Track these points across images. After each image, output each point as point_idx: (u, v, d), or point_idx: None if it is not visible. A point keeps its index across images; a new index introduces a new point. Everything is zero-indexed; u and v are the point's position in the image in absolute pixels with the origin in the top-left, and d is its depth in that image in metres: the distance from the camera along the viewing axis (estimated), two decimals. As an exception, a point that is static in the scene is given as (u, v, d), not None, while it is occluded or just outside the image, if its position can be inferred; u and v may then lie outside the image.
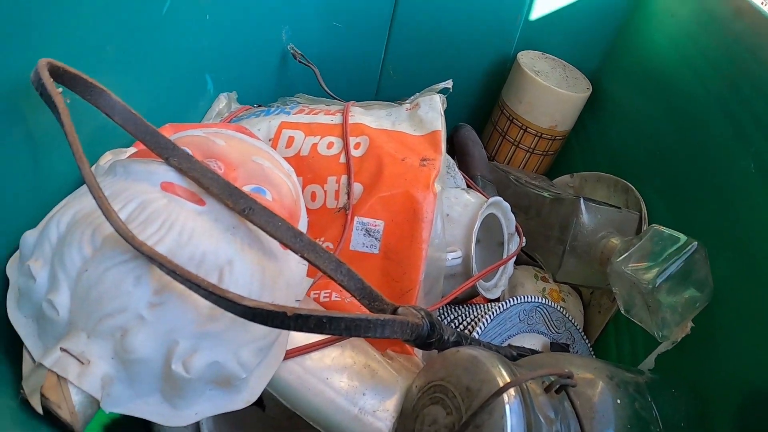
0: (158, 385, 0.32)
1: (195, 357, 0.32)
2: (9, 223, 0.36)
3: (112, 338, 0.31)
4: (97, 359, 0.31)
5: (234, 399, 0.35)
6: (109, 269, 0.31)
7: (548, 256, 0.67)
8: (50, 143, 0.39)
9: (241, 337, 0.33)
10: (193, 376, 0.32)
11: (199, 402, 0.33)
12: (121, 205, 0.33)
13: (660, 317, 0.52)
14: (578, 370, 0.42)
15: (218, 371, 0.33)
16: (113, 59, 0.45)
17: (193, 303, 0.32)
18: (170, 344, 0.32)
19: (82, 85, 0.37)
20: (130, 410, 0.32)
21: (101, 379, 0.31)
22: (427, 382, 0.38)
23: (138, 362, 0.31)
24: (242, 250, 0.35)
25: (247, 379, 0.35)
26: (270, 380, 0.37)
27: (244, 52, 0.68)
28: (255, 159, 0.41)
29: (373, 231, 0.49)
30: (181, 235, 0.33)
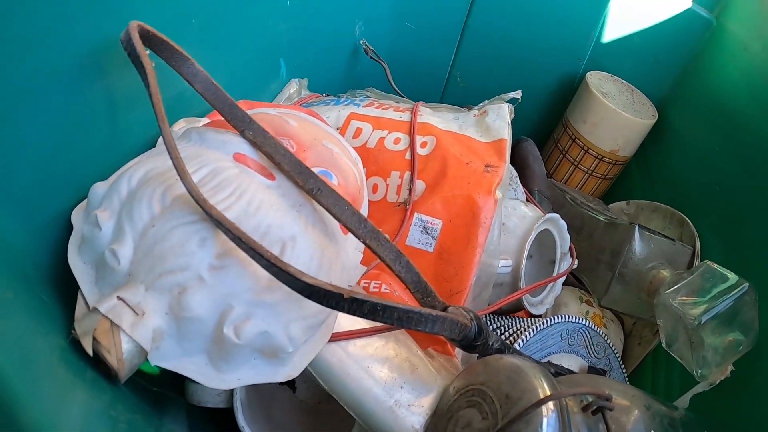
0: (206, 347, 0.33)
1: (247, 324, 0.32)
2: (80, 174, 0.37)
3: (170, 294, 0.32)
4: (152, 312, 0.31)
5: (277, 371, 0.35)
6: (176, 228, 0.32)
7: (596, 280, 0.66)
8: (129, 103, 0.40)
9: (294, 312, 0.34)
10: (242, 342, 0.32)
11: (242, 369, 0.34)
12: (194, 168, 0.34)
13: (701, 356, 0.51)
14: (616, 395, 0.41)
15: (267, 341, 0.33)
16: (197, 31, 0.46)
17: (253, 272, 0.32)
18: (225, 308, 0.32)
19: (169, 50, 0.38)
20: (176, 366, 0.33)
21: (153, 331, 0.31)
22: (466, 385, 0.38)
23: (191, 321, 0.32)
24: (305, 229, 0.36)
25: (293, 354, 0.35)
26: (313, 359, 0.38)
27: (318, 41, 0.69)
28: (325, 143, 0.42)
29: (430, 229, 0.49)
30: (249, 204, 0.34)
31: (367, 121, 0.57)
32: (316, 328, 0.36)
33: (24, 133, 0.32)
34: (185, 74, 0.38)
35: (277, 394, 0.54)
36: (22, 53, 0.31)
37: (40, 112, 0.33)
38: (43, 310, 0.31)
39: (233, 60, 0.53)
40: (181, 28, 0.44)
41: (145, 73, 0.35)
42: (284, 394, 0.54)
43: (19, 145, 0.32)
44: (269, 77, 0.62)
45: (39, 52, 0.32)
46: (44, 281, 0.33)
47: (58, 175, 0.35)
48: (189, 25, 0.45)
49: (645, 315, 0.63)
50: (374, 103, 0.60)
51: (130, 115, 0.41)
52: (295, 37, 0.63)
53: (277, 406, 0.53)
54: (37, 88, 0.32)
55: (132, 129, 0.41)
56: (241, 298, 0.32)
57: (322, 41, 0.70)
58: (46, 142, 0.34)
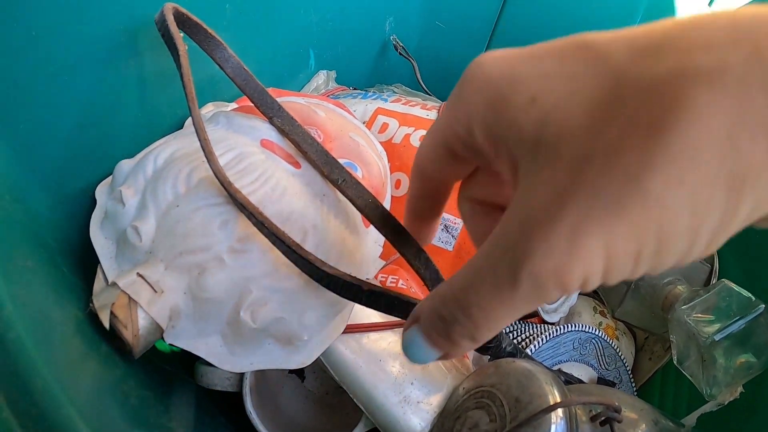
0: (221, 329, 0.33)
1: (264, 309, 0.32)
2: (106, 150, 0.37)
3: (189, 274, 0.32)
4: (170, 291, 0.32)
5: (290, 358, 0.35)
6: (200, 209, 0.32)
7: (610, 291, 0.65)
8: (158, 83, 0.41)
9: (311, 301, 0.34)
10: (258, 326, 0.32)
11: (256, 353, 0.34)
12: (221, 152, 0.35)
13: (712, 375, 0.50)
14: (625, 407, 0.41)
15: (282, 327, 0.33)
16: (230, 18, 0.47)
17: (273, 257, 0.33)
18: (243, 291, 0.32)
19: (202, 34, 0.38)
20: (190, 346, 0.33)
21: (170, 309, 0.31)
22: (475, 386, 0.38)
23: (209, 302, 0.32)
24: (327, 218, 0.36)
25: (307, 341, 0.35)
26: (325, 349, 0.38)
27: (348, 34, 0.69)
28: (351, 135, 0.42)
29: (451, 228, 0.49)
30: (273, 190, 0.34)
31: (393, 117, 0.57)
32: (332, 317, 0.36)
33: (56, 107, 0.33)
34: (217, 59, 0.39)
35: (285, 382, 0.54)
36: (59, 29, 0.31)
37: (72, 87, 0.33)
38: (62, 281, 0.31)
39: (264, 47, 0.53)
40: (214, 12, 0.45)
41: (177, 54, 0.36)
42: (292, 383, 0.54)
43: (51, 117, 0.33)
44: (298, 67, 0.62)
45: (75, 28, 0.32)
46: (65, 253, 0.33)
47: (87, 149, 0.36)
48: (223, 11, 0.46)
49: (658, 330, 0.62)
50: (401, 99, 0.60)
51: (161, 95, 0.41)
52: (325, 28, 0.63)
53: (284, 394, 0.53)
54: (70, 63, 0.33)
55: (161, 109, 0.42)
56: (259, 282, 0.32)
57: (352, 34, 0.70)
58: (76, 116, 0.34)
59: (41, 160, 0.33)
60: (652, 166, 0.14)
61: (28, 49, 0.30)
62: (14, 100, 0.30)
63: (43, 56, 0.31)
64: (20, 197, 0.31)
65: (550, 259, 0.15)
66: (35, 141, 0.32)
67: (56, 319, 0.28)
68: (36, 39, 0.30)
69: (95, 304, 0.31)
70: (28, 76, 0.31)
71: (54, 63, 0.32)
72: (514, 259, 0.16)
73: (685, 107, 0.13)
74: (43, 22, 0.30)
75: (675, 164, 0.14)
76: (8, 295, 0.25)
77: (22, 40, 0.29)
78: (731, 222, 0.15)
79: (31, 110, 0.31)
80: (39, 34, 0.30)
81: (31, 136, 0.32)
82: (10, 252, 0.27)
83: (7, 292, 0.25)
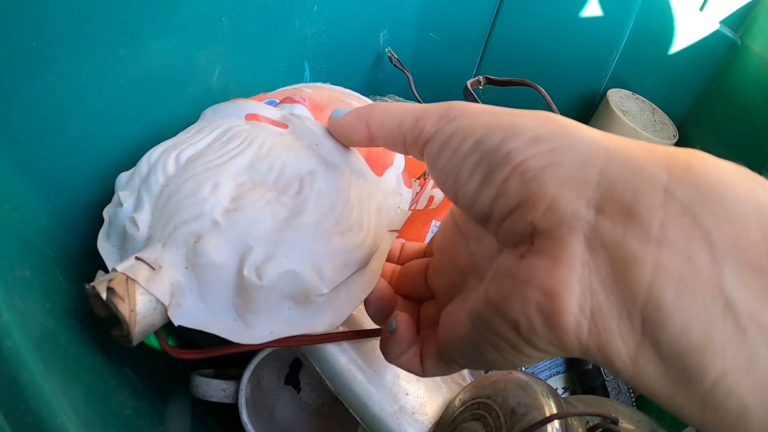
0: (231, 300, 0.31)
1: (269, 264, 0.30)
2: (106, 160, 0.37)
3: (186, 246, 0.30)
4: (169, 266, 0.29)
5: (314, 320, 0.31)
6: (188, 180, 0.31)
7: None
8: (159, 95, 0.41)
9: (322, 249, 0.31)
10: (266, 283, 0.29)
11: (274, 321, 0.31)
12: (206, 134, 0.34)
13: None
14: (622, 418, 0.41)
15: (294, 282, 0.30)
16: (226, 31, 0.47)
17: (271, 210, 0.31)
18: (243, 250, 0.30)
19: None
20: (200, 324, 0.30)
21: (171, 284, 0.29)
22: (472, 397, 0.38)
23: (209, 268, 0.30)
24: (326, 164, 0.34)
25: (331, 298, 0.32)
26: (319, 358, 0.38)
27: (342, 47, 0.69)
28: (344, 99, 0.41)
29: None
30: (260, 148, 0.33)
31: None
32: (353, 266, 0.33)
33: (55, 117, 0.33)
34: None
35: (281, 393, 0.54)
36: (59, 38, 0.31)
37: (72, 97, 0.34)
38: (59, 290, 0.31)
39: (259, 60, 0.54)
40: (211, 25, 0.45)
41: None
42: (288, 394, 0.54)
43: (51, 127, 0.33)
44: (293, 79, 0.62)
45: (75, 38, 0.32)
46: (63, 262, 0.33)
47: (86, 159, 0.36)
48: (219, 23, 0.46)
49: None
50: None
51: (161, 107, 0.41)
52: (320, 41, 0.64)
53: (280, 405, 0.53)
54: (70, 73, 0.33)
55: (161, 120, 0.42)
56: (260, 237, 0.30)
57: (346, 47, 0.70)
58: (76, 126, 0.35)
59: (40, 169, 0.33)
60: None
61: (28, 59, 0.30)
62: (13, 109, 0.30)
63: (42, 66, 0.31)
64: (18, 206, 0.31)
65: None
66: (34, 150, 0.32)
67: (52, 328, 0.28)
68: (36, 48, 0.30)
69: (94, 283, 0.29)
70: (28, 86, 0.31)
71: (54, 72, 0.32)
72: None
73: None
74: (43, 32, 0.30)
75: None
76: (5, 304, 0.25)
77: (22, 49, 0.30)
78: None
79: (30, 119, 0.31)
80: (39, 43, 0.30)
81: (31, 145, 0.32)
82: (7, 261, 0.27)
83: (3, 301, 0.25)
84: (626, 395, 0.61)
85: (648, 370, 0.19)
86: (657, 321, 0.18)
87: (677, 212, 0.18)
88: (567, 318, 0.20)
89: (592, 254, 0.19)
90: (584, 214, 0.20)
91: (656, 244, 0.18)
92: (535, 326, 0.21)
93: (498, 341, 0.23)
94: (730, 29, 0.76)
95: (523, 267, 0.21)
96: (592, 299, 0.19)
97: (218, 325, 0.30)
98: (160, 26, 0.39)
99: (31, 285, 0.28)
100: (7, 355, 0.24)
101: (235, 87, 0.51)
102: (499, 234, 0.24)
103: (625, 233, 0.19)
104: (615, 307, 0.19)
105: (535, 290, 0.20)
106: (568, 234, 0.20)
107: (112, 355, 0.34)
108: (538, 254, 0.21)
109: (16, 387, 0.24)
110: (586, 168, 0.20)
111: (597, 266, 0.19)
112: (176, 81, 0.42)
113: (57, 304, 0.30)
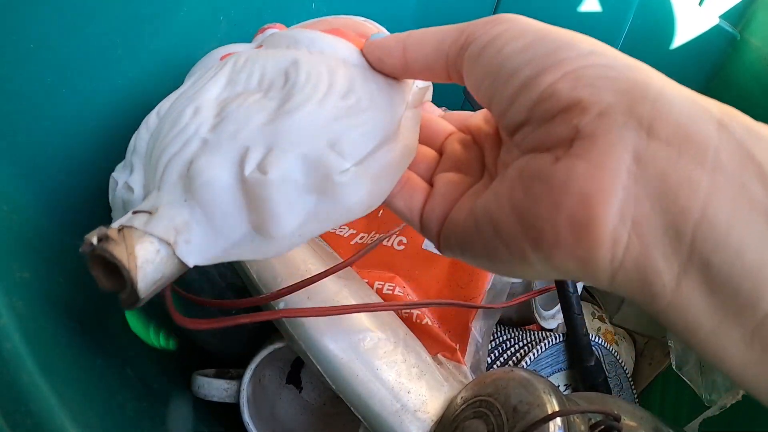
0: (244, 218, 0.26)
1: (271, 155, 0.25)
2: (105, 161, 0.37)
3: (180, 178, 0.26)
4: (168, 205, 0.25)
5: (348, 205, 0.26)
6: (165, 119, 0.28)
7: (608, 296, 0.65)
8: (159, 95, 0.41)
9: (331, 125, 0.26)
10: (274, 176, 0.25)
11: (299, 220, 0.26)
12: (183, 85, 0.31)
13: (711, 380, 0.50)
14: (624, 415, 0.41)
15: (308, 165, 0.25)
16: (225, 30, 0.47)
17: (260, 106, 0.26)
18: (240, 153, 0.26)
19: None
20: (217, 256, 0.26)
21: (172, 221, 0.25)
22: (473, 395, 0.38)
23: (208, 187, 0.25)
24: (308, 54, 0.29)
25: (359, 173, 0.26)
26: (320, 357, 0.38)
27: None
28: (369, 25, 0.38)
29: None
30: (235, 64, 0.29)
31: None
32: (374, 136, 0.27)
33: (54, 118, 0.33)
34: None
35: (282, 393, 0.54)
36: (57, 40, 0.31)
37: (71, 98, 0.33)
38: (58, 292, 0.31)
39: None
40: (209, 25, 0.45)
41: None
42: (289, 394, 0.54)
43: (49, 129, 0.33)
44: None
45: (73, 41, 0.32)
46: (62, 264, 0.33)
47: (86, 160, 0.36)
48: (217, 22, 0.46)
49: (657, 335, 0.62)
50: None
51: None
52: (321, 39, 0.64)
53: (281, 405, 0.53)
54: (69, 75, 0.33)
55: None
56: (254, 136, 0.26)
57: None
58: (75, 127, 0.34)
59: (39, 170, 0.33)
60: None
61: (27, 61, 0.30)
62: (12, 110, 0.30)
63: (41, 67, 0.31)
64: (18, 208, 0.31)
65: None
66: (33, 152, 0.32)
67: (52, 330, 0.28)
68: (35, 49, 0.30)
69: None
70: (27, 88, 0.31)
71: (53, 73, 0.32)
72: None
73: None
74: (42, 33, 0.30)
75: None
76: (5, 306, 0.25)
77: (21, 51, 0.30)
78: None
79: (29, 121, 0.31)
80: (37, 44, 0.30)
81: (29, 146, 0.32)
82: (6, 263, 0.27)
83: (3, 303, 0.25)
84: (629, 392, 0.61)
85: (692, 297, 0.18)
86: (709, 241, 0.17)
87: (731, 143, 0.18)
88: (603, 228, 0.18)
89: (640, 167, 0.18)
90: (636, 127, 0.19)
91: (711, 169, 0.18)
92: (560, 236, 0.19)
93: (500, 248, 0.22)
94: (729, 24, 0.76)
95: (558, 169, 0.20)
96: (636, 208, 0.18)
97: (238, 251, 0.26)
98: (158, 26, 0.39)
99: (31, 287, 0.28)
100: (7, 357, 0.24)
101: (234, 86, 0.50)
102: (530, 141, 0.22)
103: (679, 153, 0.18)
104: (662, 222, 0.18)
105: (570, 195, 0.19)
106: (617, 141, 0.19)
107: (113, 357, 0.34)
108: (578, 157, 0.19)
109: (15, 389, 0.24)
110: (642, 88, 0.20)
111: (645, 179, 0.18)
112: (175, 81, 0.42)
113: (57, 306, 0.30)
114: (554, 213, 0.19)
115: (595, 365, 0.54)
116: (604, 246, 0.19)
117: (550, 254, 0.20)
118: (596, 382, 0.54)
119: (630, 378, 0.61)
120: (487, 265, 0.24)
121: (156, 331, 0.45)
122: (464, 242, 0.25)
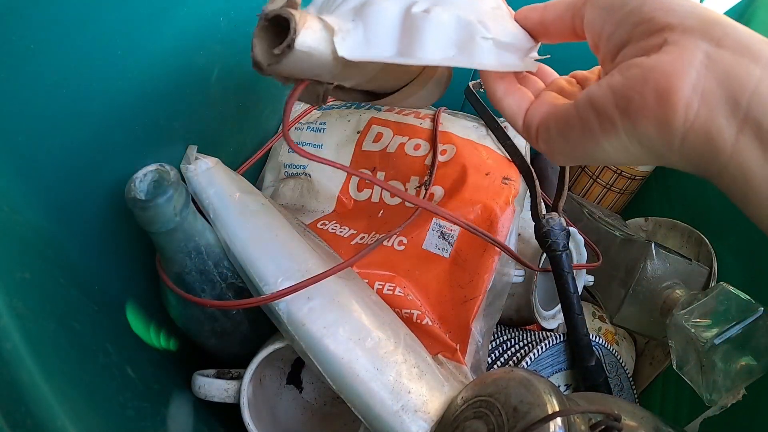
0: (395, 39, 0.32)
1: (436, 8, 0.32)
2: (105, 163, 0.37)
3: (353, 9, 0.31)
4: (338, 18, 0.31)
5: (481, 60, 0.33)
6: None
7: (608, 296, 0.65)
8: (157, 96, 0.41)
9: (484, 10, 0.34)
10: (433, 16, 0.31)
11: (437, 54, 0.32)
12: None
13: (711, 380, 0.50)
14: (624, 415, 0.41)
15: (460, 23, 0.32)
16: (225, 31, 0.47)
17: None
18: (410, 1, 0.32)
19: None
20: (363, 54, 0.31)
21: (339, 24, 0.30)
22: (474, 395, 0.38)
23: (378, 12, 0.31)
24: None
25: (497, 44, 0.33)
26: (321, 357, 0.38)
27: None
28: None
29: (447, 235, 0.49)
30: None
31: (387, 126, 0.57)
32: (509, 36, 0.35)
33: (55, 119, 0.33)
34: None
35: (283, 393, 0.54)
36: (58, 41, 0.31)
37: (72, 99, 0.33)
38: (59, 292, 0.31)
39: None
40: (209, 26, 0.45)
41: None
42: (290, 394, 0.54)
43: (50, 129, 0.33)
44: (293, 78, 0.62)
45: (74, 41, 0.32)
46: (63, 265, 0.33)
47: (86, 161, 0.36)
48: (217, 23, 0.46)
49: (658, 335, 0.62)
50: (394, 108, 0.60)
51: (159, 107, 0.41)
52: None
53: (282, 405, 0.53)
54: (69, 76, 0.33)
55: (159, 122, 0.42)
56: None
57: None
58: (76, 128, 0.34)
59: (40, 171, 0.33)
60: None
61: (27, 61, 0.30)
62: (13, 111, 0.30)
63: (42, 67, 0.31)
64: (19, 208, 0.31)
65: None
66: (34, 153, 0.32)
67: (53, 330, 0.28)
68: (35, 50, 0.30)
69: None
70: (27, 88, 0.31)
71: (53, 74, 0.32)
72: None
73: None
74: (42, 34, 0.30)
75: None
76: (5, 306, 0.25)
77: (21, 52, 0.30)
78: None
79: (29, 122, 0.31)
80: (37, 45, 0.30)
81: (30, 147, 0.32)
82: (7, 263, 0.27)
83: (4, 304, 0.25)
84: (629, 392, 0.61)
85: (748, 150, 0.25)
86: (760, 107, 0.24)
87: None
88: (680, 94, 0.25)
89: (710, 61, 0.25)
90: (710, 40, 0.26)
91: (763, 65, 0.24)
92: (646, 102, 0.26)
93: (593, 122, 0.29)
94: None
95: (650, 59, 0.27)
96: (705, 84, 0.25)
97: (380, 51, 0.31)
98: (158, 27, 0.39)
99: (32, 287, 0.28)
100: (8, 358, 0.24)
101: (233, 87, 0.50)
102: (629, 54, 0.28)
103: (741, 55, 0.25)
104: (724, 94, 0.25)
105: (656, 72, 0.26)
106: (693, 45, 0.26)
107: (113, 357, 0.34)
108: (665, 53, 0.26)
109: (16, 389, 0.23)
110: (715, 18, 0.26)
111: (713, 67, 0.25)
112: (175, 82, 0.42)
113: (57, 306, 0.30)
114: (643, 85, 0.26)
115: (595, 365, 0.54)
116: (680, 110, 0.25)
117: (635, 119, 0.27)
118: (597, 382, 0.54)
119: (630, 378, 0.61)
120: (579, 141, 0.30)
121: (156, 331, 0.45)
122: (563, 125, 0.31)
